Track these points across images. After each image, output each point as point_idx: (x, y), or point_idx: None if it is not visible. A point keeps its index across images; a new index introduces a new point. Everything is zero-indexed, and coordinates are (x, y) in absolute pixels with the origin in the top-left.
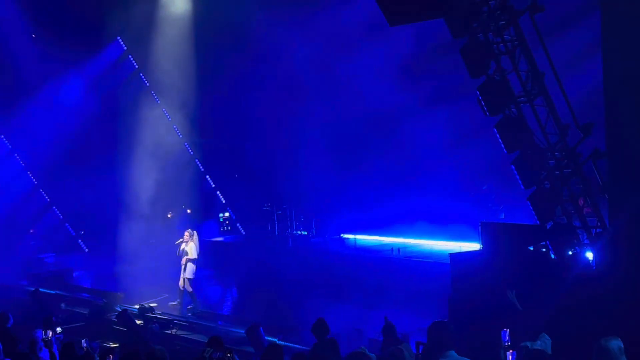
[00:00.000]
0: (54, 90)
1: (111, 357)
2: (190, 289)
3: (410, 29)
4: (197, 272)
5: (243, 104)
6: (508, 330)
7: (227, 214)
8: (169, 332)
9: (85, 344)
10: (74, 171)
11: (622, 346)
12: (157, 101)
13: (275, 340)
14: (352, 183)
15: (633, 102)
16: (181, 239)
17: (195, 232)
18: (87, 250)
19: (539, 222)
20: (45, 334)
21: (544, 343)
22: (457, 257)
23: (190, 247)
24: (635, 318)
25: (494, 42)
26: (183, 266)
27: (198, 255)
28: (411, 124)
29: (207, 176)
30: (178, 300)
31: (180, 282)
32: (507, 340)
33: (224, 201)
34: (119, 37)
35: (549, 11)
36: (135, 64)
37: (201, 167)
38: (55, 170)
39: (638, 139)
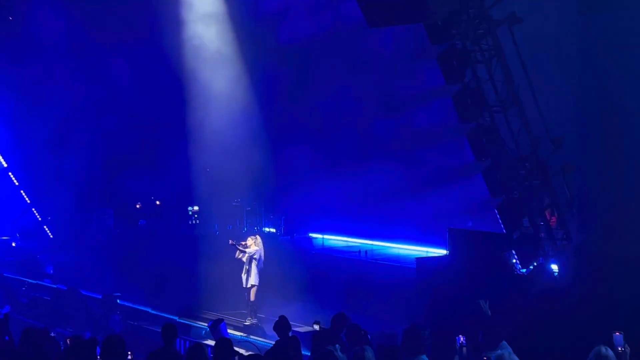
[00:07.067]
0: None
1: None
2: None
3: None
4: None
5: None
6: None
7: (196, 208)
8: (131, 322)
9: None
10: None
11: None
12: None
13: (239, 336)
14: (325, 183)
15: (605, 116)
16: (243, 248)
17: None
18: (51, 236)
19: (505, 231)
20: None
21: (505, 352)
22: (424, 262)
23: (253, 248)
24: (594, 330)
25: (472, 51)
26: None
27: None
28: (383, 125)
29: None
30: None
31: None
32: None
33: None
34: None
35: (527, 22)
36: None
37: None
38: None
39: (608, 153)
